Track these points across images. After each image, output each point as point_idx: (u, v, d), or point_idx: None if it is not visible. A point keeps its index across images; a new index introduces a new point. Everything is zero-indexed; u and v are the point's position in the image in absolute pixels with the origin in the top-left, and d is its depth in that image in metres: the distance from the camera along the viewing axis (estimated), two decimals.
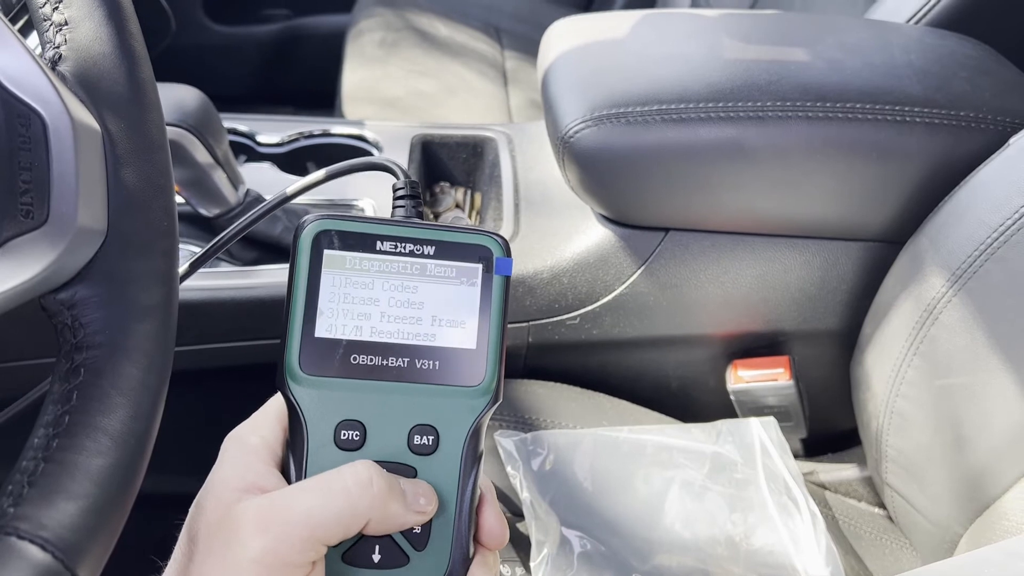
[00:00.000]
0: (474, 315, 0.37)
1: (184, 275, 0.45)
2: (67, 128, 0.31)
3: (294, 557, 0.32)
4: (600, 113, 0.74)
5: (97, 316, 0.32)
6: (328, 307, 0.36)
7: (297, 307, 0.36)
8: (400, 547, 0.36)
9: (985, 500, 0.68)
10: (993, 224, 0.65)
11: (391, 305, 0.37)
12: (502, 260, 0.38)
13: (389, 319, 0.37)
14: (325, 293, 0.36)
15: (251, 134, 0.99)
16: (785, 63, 0.78)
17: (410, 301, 0.37)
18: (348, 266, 0.37)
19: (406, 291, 0.37)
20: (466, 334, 0.37)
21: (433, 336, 0.37)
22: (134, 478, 0.31)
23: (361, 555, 0.36)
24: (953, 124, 0.74)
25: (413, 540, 0.36)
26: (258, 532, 0.32)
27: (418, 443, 0.37)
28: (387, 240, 0.37)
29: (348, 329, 0.37)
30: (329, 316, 0.36)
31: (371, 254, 0.37)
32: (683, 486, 0.74)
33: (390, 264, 0.37)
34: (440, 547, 0.37)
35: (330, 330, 0.36)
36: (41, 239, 0.30)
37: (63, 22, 0.34)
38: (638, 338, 0.86)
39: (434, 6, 1.58)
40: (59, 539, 0.27)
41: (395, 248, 0.37)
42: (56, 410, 0.30)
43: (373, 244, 0.37)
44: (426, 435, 0.37)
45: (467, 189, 1.00)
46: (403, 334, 0.37)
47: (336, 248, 0.37)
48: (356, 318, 0.37)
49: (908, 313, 0.72)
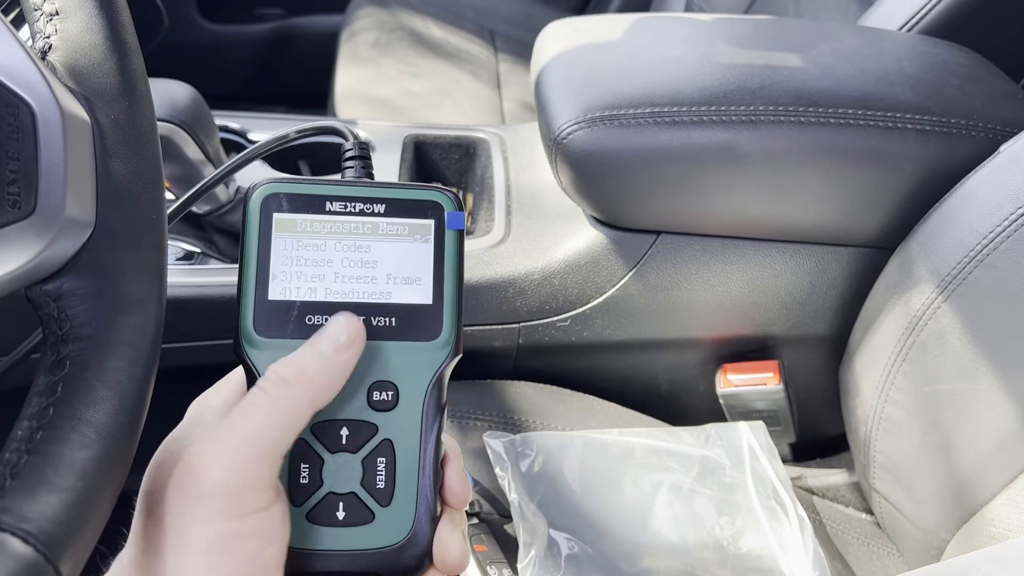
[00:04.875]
0: (428, 271, 0.37)
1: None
2: (56, 118, 0.31)
3: (251, 479, 0.32)
4: (593, 115, 0.74)
5: (83, 308, 0.31)
6: (280, 270, 0.36)
7: (249, 272, 0.36)
8: (365, 504, 0.36)
9: (972, 506, 0.68)
10: (983, 231, 0.65)
11: (344, 265, 0.37)
12: (454, 215, 0.38)
13: (343, 279, 0.37)
14: (277, 256, 0.36)
15: (242, 132, 0.99)
16: (778, 68, 0.78)
17: (363, 260, 0.37)
18: (299, 229, 0.37)
19: (359, 251, 0.37)
20: (422, 290, 0.37)
21: (389, 294, 0.37)
22: (119, 472, 0.31)
23: (326, 513, 0.36)
24: (944, 131, 0.75)
25: (377, 496, 0.36)
26: (212, 465, 0.32)
27: (377, 399, 0.37)
28: (336, 200, 0.37)
29: (302, 291, 0.36)
30: (282, 279, 0.36)
31: (321, 215, 0.37)
32: (671, 489, 0.74)
33: (341, 224, 0.37)
34: (405, 503, 0.37)
35: (284, 293, 0.36)
36: (28, 229, 0.30)
37: (54, 12, 0.34)
38: (628, 341, 0.85)
39: (428, 7, 1.58)
40: (41, 532, 0.27)
41: (345, 208, 0.37)
42: (40, 402, 0.30)
43: (322, 205, 0.37)
44: (385, 390, 0.37)
45: (459, 190, 1.00)
46: (358, 293, 0.37)
47: (285, 211, 0.36)
48: (310, 279, 0.36)
49: (897, 319, 0.72)
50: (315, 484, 0.36)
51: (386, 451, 0.37)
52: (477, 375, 0.86)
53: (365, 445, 0.36)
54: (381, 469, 0.36)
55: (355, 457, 0.36)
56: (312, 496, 0.36)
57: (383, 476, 0.36)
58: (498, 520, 0.73)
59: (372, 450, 0.36)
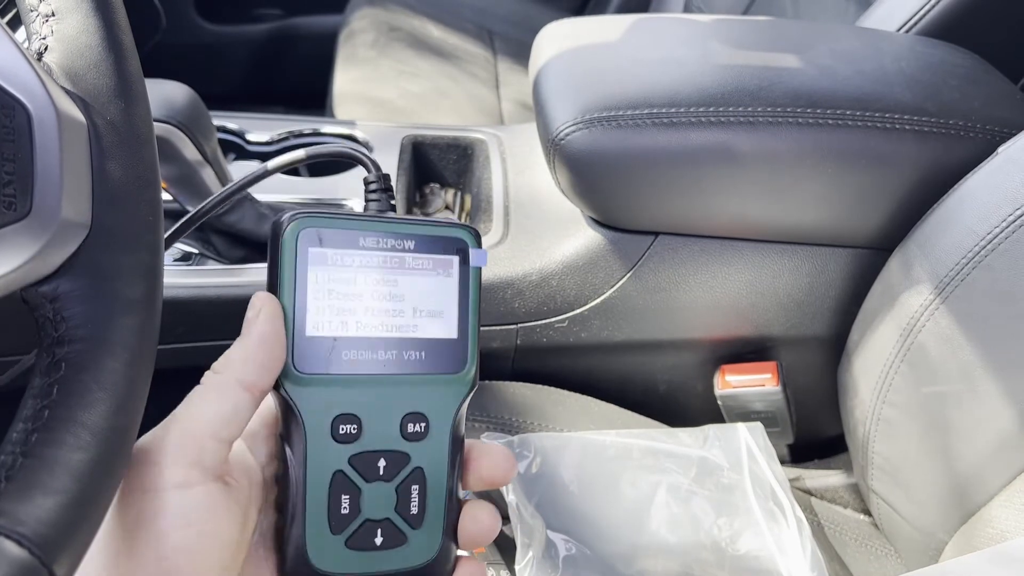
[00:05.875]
0: (453, 305, 0.39)
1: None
2: (52, 120, 0.30)
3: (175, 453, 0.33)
4: (591, 116, 0.74)
5: (79, 310, 0.31)
6: (316, 305, 0.37)
7: (286, 307, 0.37)
8: (398, 528, 0.38)
9: (970, 507, 0.68)
10: (981, 232, 0.65)
11: (374, 299, 0.38)
12: (476, 251, 0.39)
13: (373, 313, 0.38)
14: (312, 291, 0.37)
15: (241, 132, 0.99)
16: (776, 69, 0.78)
17: (392, 294, 0.38)
18: (331, 263, 0.37)
19: (388, 284, 0.38)
20: (446, 324, 0.39)
21: (415, 327, 0.38)
22: (114, 474, 0.31)
23: (364, 539, 0.38)
24: (942, 132, 0.75)
25: (410, 520, 0.38)
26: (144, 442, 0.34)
27: (411, 431, 0.38)
28: (368, 236, 0.38)
29: (335, 326, 0.37)
30: (317, 314, 0.37)
31: (354, 250, 0.38)
32: (669, 490, 0.74)
33: (371, 259, 0.38)
34: (434, 524, 0.39)
35: (319, 328, 0.37)
36: (23, 231, 0.30)
37: (50, 13, 0.34)
38: (626, 342, 0.85)
39: (426, 8, 1.58)
40: (36, 535, 0.27)
41: (376, 243, 0.38)
42: (36, 404, 0.30)
43: (356, 240, 0.38)
44: (418, 422, 0.38)
45: (457, 191, 1.00)
46: (388, 327, 0.38)
47: (319, 246, 0.37)
48: (343, 314, 0.37)
49: (895, 320, 0.72)
50: (354, 513, 0.38)
51: (418, 478, 0.39)
52: None
53: (399, 474, 0.38)
54: (415, 496, 0.38)
55: (390, 485, 0.38)
56: (351, 524, 0.38)
57: (416, 502, 0.38)
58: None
59: (405, 478, 0.38)
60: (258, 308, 0.36)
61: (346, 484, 0.37)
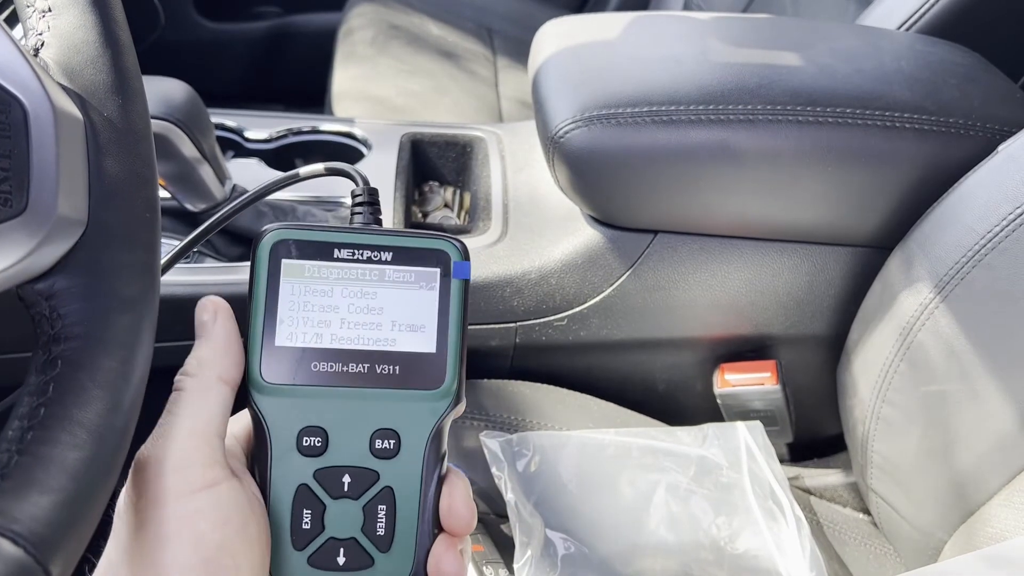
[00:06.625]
0: (433, 319, 0.38)
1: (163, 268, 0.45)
2: (48, 116, 0.30)
3: (193, 455, 0.34)
4: (590, 114, 0.74)
5: (76, 307, 0.31)
6: (288, 315, 0.37)
7: (257, 317, 0.37)
8: (365, 549, 0.37)
9: (969, 507, 0.68)
10: (980, 231, 0.65)
11: (351, 312, 0.37)
12: (460, 264, 0.38)
13: (349, 325, 0.37)
14: (284, 302, 0.37)
15: (239, 130, 0.99)
16: (776, 67, 0.78)
17: (369, 307, 0.37)
18: (307, 274, 0.37)
19: (365, 297, 0.37)
20: (426, 338, 0.38)
21: (393, 341, 0.37)
22: (110, 472, 0.31)
23: (326, 558, 0.37)
24: (942, 131, 0.75)
25: (377, 542, 0.37)
26: (159, 450, 0.34)
27: (380, 447, 0.37)
28: (344, 247, 0.37)
29: (308, 337, 0.37)
30: (289, 324, 0.37)
31: (329, 262, 0.37)
32: (668, 489, 0.74)
33: (348, 271, 0.37)
34: (404, 549, 0.37)
35: (290, 338, 0.37)
36: (19, 228, 0.30)
37: (47, 8, 0.33)
38: (625, 340, 0.85)
39: (426, 6, 1.57)
40: (31, 533, 0.27)
41: (352, 255, 0.37)
42: (31, 402, 0.29)
43: (331, 252, 0.37)
44: (387, 439, 0.37)
45: (456, 189, 1.00)
46: (363, 340, 0.37)
47: (294, 257, 0.37)
48: (316, 325, 0.37)
49: (895, 319, 0.72)
50: (316, 529, 0.37)
51: (387, 499, 0.37)
52: (474, 375, 0.86)
53: (366, 492, 0.37)
54: (382, 516, 0.37)
55: (356, 504, 0.37)
56: (313, 541, 0.37)
57: (383, 523, 0.37)
58: (494, 520, 0.73)
59: (373, 497, 0.37)
60: (213, 311, 0.37)
61: (310, 498, 0.37)
